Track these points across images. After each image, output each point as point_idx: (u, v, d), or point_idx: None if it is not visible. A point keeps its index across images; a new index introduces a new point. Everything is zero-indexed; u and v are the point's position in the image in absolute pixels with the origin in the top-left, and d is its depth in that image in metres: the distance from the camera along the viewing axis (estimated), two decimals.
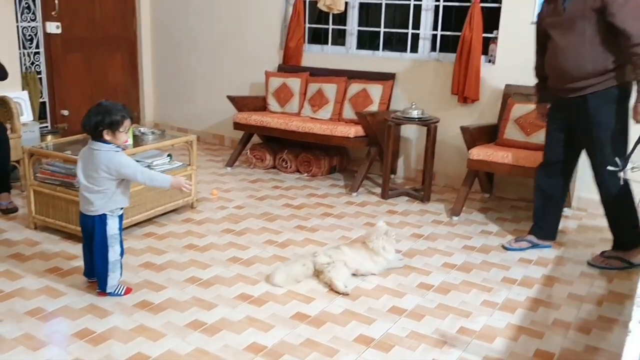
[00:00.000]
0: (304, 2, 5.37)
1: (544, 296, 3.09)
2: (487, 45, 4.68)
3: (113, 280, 2.89)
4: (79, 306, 2.81)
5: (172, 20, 6.17)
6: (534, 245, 3.67)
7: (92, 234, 2.86)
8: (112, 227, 2.85)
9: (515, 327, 2.77)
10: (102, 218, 2.82)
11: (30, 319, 2.68)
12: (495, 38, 4.60)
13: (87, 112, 2.79)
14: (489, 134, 4.36)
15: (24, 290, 2.95)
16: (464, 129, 4.19)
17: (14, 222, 3.83)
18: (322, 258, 3.13)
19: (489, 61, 4.69)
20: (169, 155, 4.00)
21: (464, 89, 4.60)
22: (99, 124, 2.72)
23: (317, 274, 3.13)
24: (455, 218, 4.18)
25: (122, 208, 2.91)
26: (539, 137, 4.09)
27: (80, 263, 3.26)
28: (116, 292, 2.92)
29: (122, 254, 2.92)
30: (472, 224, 4.10)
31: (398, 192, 4.70)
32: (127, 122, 2.79)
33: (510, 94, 4.42)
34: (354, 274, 3.16)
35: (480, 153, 4.04)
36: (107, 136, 2.75)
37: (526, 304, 3.00)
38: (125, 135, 2.82)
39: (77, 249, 3.44)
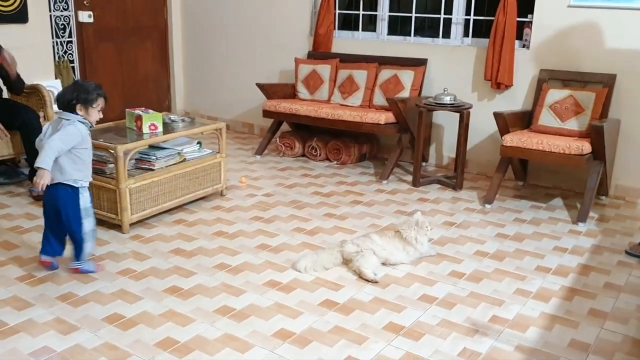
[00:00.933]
0: None
1: (580, 285, 3.00)
2: (521, 30, 4.56)
3: (87, 249, 2.97)
4: (109, 291, 2.84)
5: (203, 9, 6.17)
6: None
7: (61, 208, 2.87)
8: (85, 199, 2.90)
9: (550, 316, 2.70)
10: (75, 190, 2.88)
11: (61, 304, 2.71)
12: (530, 22, 4.48)
13: (63, 89, 2.92)
14: (523, 120, 4.25)
15: (56, 275, 2.98)
16: (497, 115, 4.09)
17: None
18: (350, 247, 3.09)
19: (523, 46, 4.57)
20: (198, 142, 4.00)
21: (498, 74, 4.49)
22: (73, 99, 2.81)
23: (346, 262, 3.10)
24: (488, 206, 4.09)
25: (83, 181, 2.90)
26: (574, 123, 3.99)
27: (112, 249, 3.30)
28: (87, 268, 3.00)
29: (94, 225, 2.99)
30: (505, 212, 4.01)
31: (430, 179, 4.63)
32: (100, 101, 2.87)
33: (545, 79, 4.30)
34: (383, 264, 3.12)
35: (514, 139, 3.94)
36: (80, 111, 2.83)
37: (561, 293, 2.92)
38: (97, 114, 2.90)
39: (108, 235, 3.48)
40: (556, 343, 2.49)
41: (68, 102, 2.82)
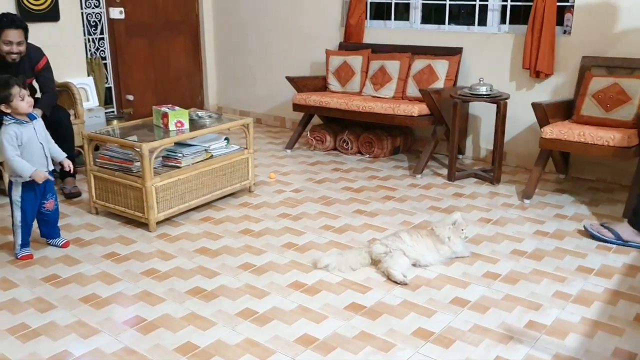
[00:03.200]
0: None
1: (625, 288, 2.80)
2: (561, 15, 4.32)
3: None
4: (132, 293, 2.79)
5: (234, 2, 6.10)
6: (621, 241, 3.25)
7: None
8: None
9: (591, 322, 2.52)
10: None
11: (84, 306, 2.67)
12: (571, 6, 4.24)
13: None
14: (564, 111, 4.04)
15: (81, 276, 2.96)
16: (536, 106, 3.89)
17: (76, 206, 3.88)
18: (379, 247, 2.97)
19: (565, 32, 4.34)
20: (226, 138, 3.93)
21: (537, 62, 4.28)
22: None
23: (374, 263, 2.98)
24: (527, 201, 3.90)
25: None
26: (620, 112, 3.76)
27: (138, 248, 3.26)
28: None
29: (22, 220, 3.09)
30: (545, 207, 3.82)
31: (466, 173, 4.46)
32: (15, 90, 2.92)
33: (588, 67, 4.07)
34: (414, 265, 2.98)
35: (554, 131, 3.74)
36: (7, 110, 2.94)
37: (604, 296, 2.73)
38: (24, 103, 2.96)
39: (135, 233, 3.44)
40: (598, 352, 2.32)
41: None
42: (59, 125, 3.97)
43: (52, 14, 4.78)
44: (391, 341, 2.39)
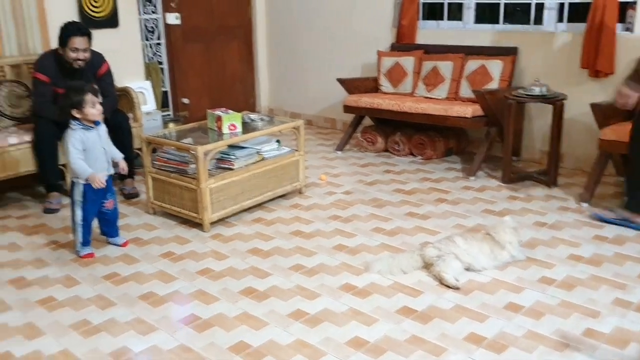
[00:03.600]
0: None
1: None
2: (623, 12, 4.18)
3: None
4: (188, 291, 2.87)
5: (286, 6, 6.17)
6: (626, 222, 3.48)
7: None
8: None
9: None
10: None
11: (142, 303, 2.76)
12: (634, 2, 4.10)
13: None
14: (624, 111, 3.90)
15: (139, 274, 3.06)
16: (594, 106, 3.78)
17: (135, 207, 4.01)
18: (431, 251, 2.95)
19: (627, 29, 4.20)
20: (277, 140, 3.98)
21: (596, 61, 4.16)
22: (67, 106, 3.10)
23: (427, 266, 2.96)
24: (584, 204, 3.80)
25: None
26: None
27: (193, 247, 3.34)
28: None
29: (82, 219, 3.21)
30: (604, 212, 3.70)
31: (521, 175, 4.37)
32: (89, 97, 3.07)
33: None
34: (467, 269, 2.94)
35: (614, 133, 3.63)
36: (78, 114, 3.09)
37: None
38: (94, 110, 3.12)
39: (190, 233, 3.53)
40: None
41: (63, 110, 3.11)
42: (119, 128, 4.11)
43: (111, 21, 4.95)
44: (443, 346, 2.37)
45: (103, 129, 3.25)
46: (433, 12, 5.30)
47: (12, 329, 2.58)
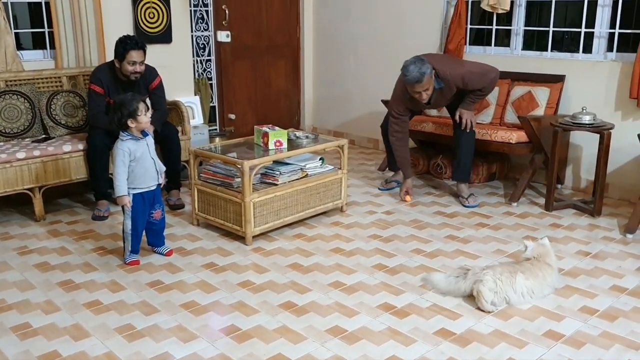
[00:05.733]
0: (466, 3, 5.15)
1: None
2: None
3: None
4: (229, 302, 2.93)
5: (334, 27, 6.27)
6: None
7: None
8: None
9: None
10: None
11: (184, 312, 2.84)
12: None
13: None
14: None
15: (182, 283, 3.14)
16: None
17: (180, 217, 4.12)
18: (489, 283, 2.84)
19: None
20: (321, 158, 4.05)
21: None
22: (121, 117, 3.20)
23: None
24: (629, 236, 3.74)
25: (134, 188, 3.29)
26: None
27: (234, 260, 3.41)
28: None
29: (132, 229, 3.31)
30: None
31: (564, 203, 4.32)
32: (141, 106, 3.19)
33: None
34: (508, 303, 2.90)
35: None
36: (132, 124, 3.20)
37: None
38: (145, 118, 3.22)
39: (232, 246, 3.60)
40: None
41: (118, 121, 3.20)
42: (168, 140, 4.24)
43: (165, 37, 5.13)
44: None
45: (151, 140, 3.36)
46: (480, 38, 5.32)
47: (61, 329, 2.68)
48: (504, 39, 5.17)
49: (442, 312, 2.81)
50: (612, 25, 4.43)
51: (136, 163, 3.24)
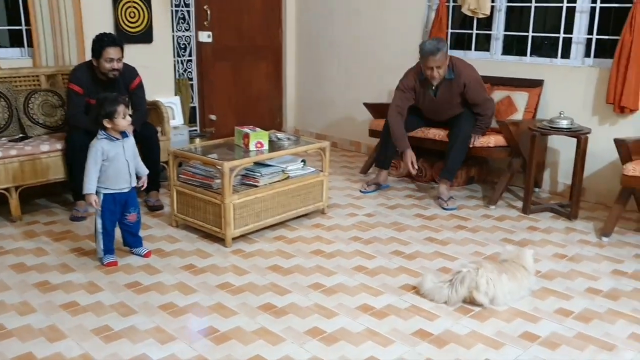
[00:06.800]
0: (447, 7, 5.20)
1: None
2: None
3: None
4: (207, 304, 2.92)
5: (316, 30, 6.29)
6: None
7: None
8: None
9: None
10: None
11: (162, 313, 2.82)
12: None
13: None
14: None
15: (161, 284, 3.12)
16: (618, 142, 3.80)
17: (158, 219, 4.09)
18: (484, 285, 2.87)
19: None
20: (302, 160, 4.05)
21: (622, 97, 4.18)
22: (98, 115, 3.19)
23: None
24: (605, 239, 3.80)
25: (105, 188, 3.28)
26: None
27: (214, 261, 3.40)
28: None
29: (102, 228, 3.28)
30: (624, 247, 3.70)
31: (542, 207, 4.37)
32: (121, 108, 3.18)
33: None
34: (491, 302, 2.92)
35: (637, 169, 3.63)
36: (108, 124, 3.19)
37: None
38: (123, 121, 3.21)
39: (212, 247, 3.59)
40: None
41: (95, 118, 3.20)
42: (147, 141, 4.22)
43: (146, 36, 5.11)
44: None
45: (130, 142, 3.33)
46: (461, 42, 5.37)
47: (36, 331, 2.65)
48: (484, 44, 5.23)
49: (420, 313, 2.83)
50: (590, 32, 4.51)
51: (109, 163, 3.22)
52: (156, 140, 4.34)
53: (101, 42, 4.00)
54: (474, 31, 5.14)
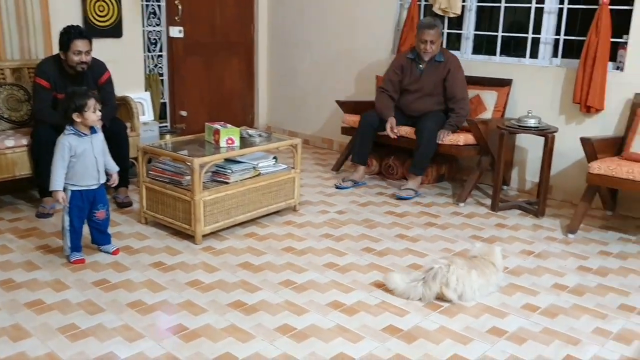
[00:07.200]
0: (419, 6, 5.24)
1: None
2: (615, 51, 4.30)
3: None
4: (176, 301, 2.89)
5: (289, 26, 6.27)
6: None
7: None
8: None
9: None
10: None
11: (130, 311, 2.79)
12: (625, 43, 4.22)
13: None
14: (613, 147, 4.00)
15: (129, 282, 3.08)
16: (584, 141, 3.87)
17: (127, 216, 4.04)
18: (454, 282, 2.89)
19: (617, 68, 4.31)
20: (274, 157, 4.04)
21: (588, 97, 4.25)
22: (68, 109, 3.13)
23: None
24: (571, 236, 3.87)
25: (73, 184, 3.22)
26: None
27: (183, 259, 3.37)
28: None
29: (70, 225, 3.23)
30: (589, 243, 3.78)
31: (510, 204, 4.44)
32: (91, 102, 3.13)
33: None
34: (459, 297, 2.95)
35: (602, 167, 3.71)
36: (77, 119, 3.14)
37: None
38: (93, 115, 3.17)
39: (181, 245, 3.56)
40: None
41: (65, 112, 3.14)
42: (116, 137, 4.14)
43: (115, 31, 5.03)
44: None
45: (99, 138, 3.28)
46: None
47: None
48: (455, 43, 5.28)
49: (390, 309, 2.85)
50: (558, 32, 4.58)
51: (76, 159, 3.16)
52: (125, 136, 4.28)
53: (69, 35, 3.93)
54: (445, 30, 5.17)
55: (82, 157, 3.18)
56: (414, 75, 4.68)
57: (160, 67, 5.68)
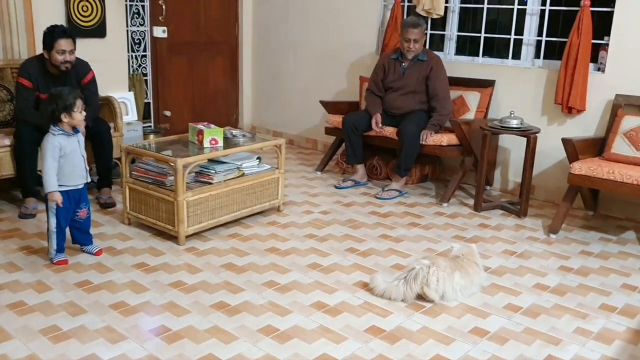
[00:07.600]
0: (402, 7, 5.26)
1: None
2: (596, 53, 4.35)
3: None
4: (159, 303, 2.88)
5: (272, 26, 6.27)
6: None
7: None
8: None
9: None
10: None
11: (113, 312, 2.77)
12: (606, 45, 4.27)
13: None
14: (594, 148, 4.05)
15: (112, 283, 3.07)
16: (566, 141, 3.91)
17: (110, 216, 4.02)
18: (434, 282, 2.91)
19: (598, 69, 4.36)
20: (258, 157, 4.04)
21: (569, 98, 4.30)
22: (54, 109, 3.11)
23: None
24: (553, 236, 3.91)
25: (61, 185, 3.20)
26: None
27: (166, 260, 3.36)
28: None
29: (57, 226, 3.21)
30: (571, 243, 3.82)
31: (492, 204, 4.47)
32: (78, 102, 3.15)
33: (621, 105, 4.08)
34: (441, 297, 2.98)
35: (583, 167, 3.75)
36: (65, 119, 3.13)
37: (626, 335, 2.72)
38: (79, 115, 3.17)
39: (165, 245, 3.55)
40: None
41: (52, 113, 3.11)
42: (99, 137, 4.14)
43: (99, 31, 5.00)
44: None
45: (81, 137, 3.27)
46: None
47: None
48: (438, 44, 5.30)
49: (373, 310, 2.86)
50: (540, 33, 4.62)
51: (65, 159, 3.15)
52: (108, 136, 4.25)
53: (52, 34, 3.91)
54: (429, 31, 5.20)
55: (70, 157, 3.16)
56: (397, 73, 4.73)
57: (144, 67, 5.65)
